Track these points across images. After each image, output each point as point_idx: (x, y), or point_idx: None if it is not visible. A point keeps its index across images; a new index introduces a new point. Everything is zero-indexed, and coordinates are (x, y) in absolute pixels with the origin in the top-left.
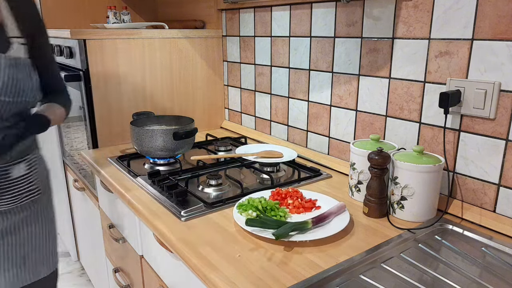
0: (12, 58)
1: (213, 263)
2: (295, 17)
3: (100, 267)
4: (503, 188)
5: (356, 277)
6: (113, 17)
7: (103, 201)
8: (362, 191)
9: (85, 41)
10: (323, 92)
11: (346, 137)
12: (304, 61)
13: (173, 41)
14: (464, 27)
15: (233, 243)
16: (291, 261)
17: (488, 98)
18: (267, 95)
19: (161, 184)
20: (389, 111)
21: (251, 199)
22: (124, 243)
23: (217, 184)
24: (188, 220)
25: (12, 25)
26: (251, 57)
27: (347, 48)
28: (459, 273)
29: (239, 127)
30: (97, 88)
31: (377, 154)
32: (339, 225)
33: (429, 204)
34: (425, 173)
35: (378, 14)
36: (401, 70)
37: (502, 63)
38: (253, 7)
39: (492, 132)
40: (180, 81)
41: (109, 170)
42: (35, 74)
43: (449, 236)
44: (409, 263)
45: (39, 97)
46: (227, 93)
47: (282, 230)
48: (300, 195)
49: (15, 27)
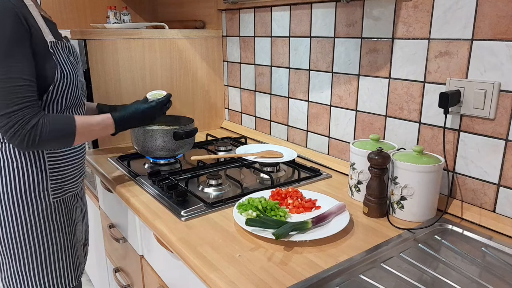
0: None
1: (213, 263)
2: (295, 17)
3: (100, 267)
4: (503, 188)
5: (356, 277)
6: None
7: (103, 201)
8: (362, 191)
9: (85, 41)
10: (323, 92)
11: (346, 137)
12: (304, 61)
13: (173, 41)
14: (464, 27)
15: (233, 243)
16: (291, 261)
17: (488, 98)
18: (267, 95)
19: (161, 184)
20: (389, 111)
21: (251, 199)
22: (124, 243)
23: (217, 184)
24: (188, 220)
25: None
26: (251, 57)
27: (347, 48)
28: (459, 273)
29: (239, 127)
30: (98, 88)
31: (377, 154)
32: (339, 225)
33: (428, 204)
34: (424, 173)
35: (378, 14)
36: (401, 70)
37: (502, 63)
38: (253, 7)
39: (492, 132)
40: (180, 81)
41: (109, 170)
42: None
43: (449, 236)
44: (409, 263)
45: None
46: (227, 93)
47: (282, 230)
48: (300, 195)
49: None
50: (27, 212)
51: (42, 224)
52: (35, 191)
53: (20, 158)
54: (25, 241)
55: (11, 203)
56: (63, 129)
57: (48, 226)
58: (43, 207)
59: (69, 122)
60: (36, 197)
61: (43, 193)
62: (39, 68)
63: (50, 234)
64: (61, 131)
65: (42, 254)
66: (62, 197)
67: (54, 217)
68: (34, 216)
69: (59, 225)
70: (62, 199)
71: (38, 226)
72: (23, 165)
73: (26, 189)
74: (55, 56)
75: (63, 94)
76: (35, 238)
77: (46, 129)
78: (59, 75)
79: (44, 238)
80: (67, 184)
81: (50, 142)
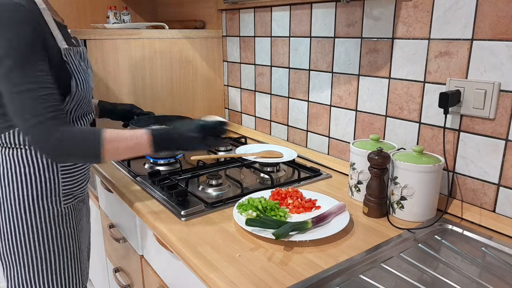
0: None
1: (213, 263)
2: (295, 17)
3: (100, 267)
4: (503, 188)
5: (356, 277)
6: (113, 17)
7: (103, 201)
8: (362, 191)
9: (85, 41)
10: (323, 92)
11: (346, 137)
12: (304, 61)
13: (173, 41)
14: (464, 27)
15: (233, 243)
16: (291, 261)
17: (488, 98)
18: (267, 95)
19: (161, 184)
20: (389, 111)
21: (251, 199)
22: (124, 243)
23: (217, 184)
24: (188, 220)
25: None
26: (251, 57)
27: (347, 48)
28: (459, 273)
29: (239, 127)
30: (98, 88)
31: (377, 154)
32: (339, 225)
33: (428, 204)
34: (424, 173)
35: (378, 14)
36: (401, 70)
37: (502, 63)
38: (253, 7)
39: (492, 132)
40: (180, 81)
41: (109, 170)
42: None
43: (449, 236)
44: (409, 263)
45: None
46: (227, 93)
47: (282, 230)
48: (300, 195)
49: None
50: (39, 219)
51: (54, 231)
52: (48, 197)
53: (33, 163)
54: (35, 248)
55: (23, 209)
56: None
57: (59, 233)
58: (55, 213)
59: (96, 138)
60: (48, 203)
61: (55, 199)
62: (54, 77)
63: (60, 241)
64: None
65: (51, 261)
66: (72, 203)
67: (64, 223)
68: (46, 223)
69: (69, 231)
70: (72, 205)
71: (49, 233)
72: (35, 171)
73: (38, 195)
74: (69, 65)
75: (76, 104)
76: (45, 245)
77: (70, 143)
78: (74, 85)
79: (54, 245)
80: (76, 190)
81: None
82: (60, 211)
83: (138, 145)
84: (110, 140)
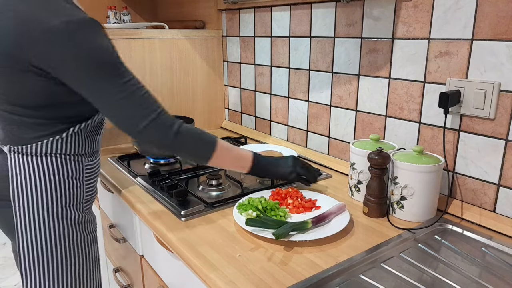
0: None
1: (213, 263)
2: (295, 17)
3: (101, 267)
4: (503, 188)
5: (356, 277)
6: (113, 17)
7: (103, 201)
8: (362, 191)
9: None
10: (323, 92)
11: (346, 137)
12: (304, 61)
13: (173, 41)
14: (464, 27)
15: (233, 243)
16: (291, 261)
17: (488, 98)
18: (267, 95)
19: (161, 184)
20: (389, 111)
21: (251, 199)
22: (124, 243)
23: (217, 184)
24: (188, 220)
25: None
26: (251, 57)
27: (347, 48)
28: (459, 273)
29: (239, 127)
30: None
31: (377, 154)
32: (339, 225)
33: (428, 204)
34: (424, 173)
35: (378, 14)
36: (401, 70)
37: (502, 63)
38: (253, 7)
39: (492, 132)
40: (180, 81)
41: (109, 170)
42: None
43: (449, 236)
44: (409, 263)
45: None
46: (227, 93)
47: (282, 230)
48: (300, 195)
49: None
50: (66, 225)
51: (77, 236)
52: (74, 203)
53: (62, 171)
54: (61, 255)
55: (51, 217)
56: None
57: (82, 238)
58: (79, 219)
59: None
60: (73, 210)
61: (80, 205)
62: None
63: (82, 246)
64: (200, 146)
65: (75, 266)
66: (89, 207)
67: (86, 228)
68: (71, 229)
69: (90, 235)
70: (88, 210)
71: (74, 238)
72: (64, 178)
73: (66, 202)
74: None
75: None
76: (70, 251)
77: (187, 138)
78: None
79: (77, 250)
80: (92, 194)
81: (186, 152)
82: (83, 216)
83: (241, 163)
84: (223, 148)
